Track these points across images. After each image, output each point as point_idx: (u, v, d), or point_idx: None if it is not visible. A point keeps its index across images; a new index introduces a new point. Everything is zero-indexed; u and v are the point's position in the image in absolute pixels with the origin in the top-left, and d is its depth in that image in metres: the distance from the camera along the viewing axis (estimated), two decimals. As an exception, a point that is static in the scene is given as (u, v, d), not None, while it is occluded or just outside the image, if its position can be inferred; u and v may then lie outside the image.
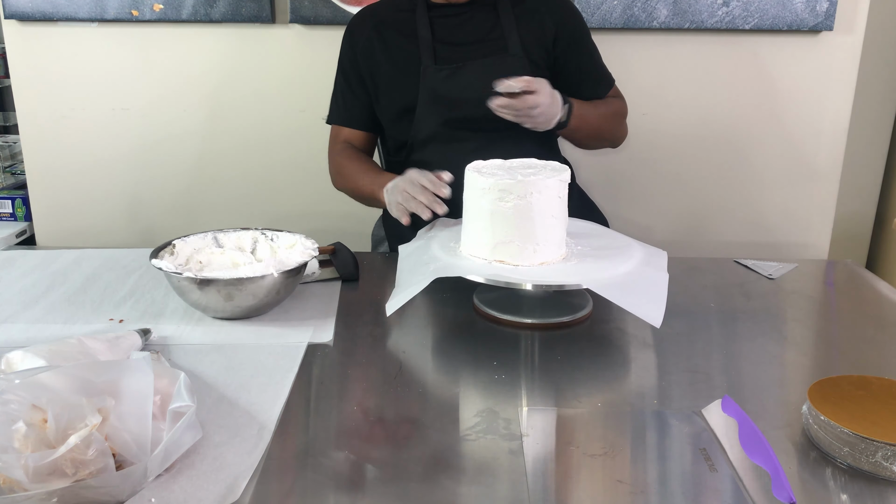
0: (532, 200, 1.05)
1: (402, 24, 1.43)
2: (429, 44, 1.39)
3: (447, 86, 1.38)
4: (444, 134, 1.40)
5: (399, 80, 1.41)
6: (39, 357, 0.83)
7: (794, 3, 1.86)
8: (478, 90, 1.35)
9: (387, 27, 1.44)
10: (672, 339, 1.05)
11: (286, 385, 0.91)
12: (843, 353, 1.04)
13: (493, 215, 1.06)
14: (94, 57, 2.00)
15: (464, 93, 1.37)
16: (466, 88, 1.37)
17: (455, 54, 1.40)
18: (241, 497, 0.70)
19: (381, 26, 1.44)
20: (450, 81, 1.38)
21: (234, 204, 2.10)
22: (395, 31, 1.43)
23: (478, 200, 1.08)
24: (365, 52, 1.45)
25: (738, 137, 2.01)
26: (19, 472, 0.64)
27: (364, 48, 1.45)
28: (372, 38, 1.44)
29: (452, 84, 1.38)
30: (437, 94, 1.39)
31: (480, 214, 1.08)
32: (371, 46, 1.44)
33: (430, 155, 1.41)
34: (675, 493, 0.71)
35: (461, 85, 1.38)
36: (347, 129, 1.51)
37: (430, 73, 1.38)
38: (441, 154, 1.40)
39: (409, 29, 1.42)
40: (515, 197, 1.04)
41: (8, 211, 2.20)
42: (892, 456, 0.72)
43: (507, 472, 0.74)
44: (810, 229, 2.07)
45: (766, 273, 1.31)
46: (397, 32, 1.43)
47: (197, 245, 1.18)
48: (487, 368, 0.96)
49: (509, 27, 1.39)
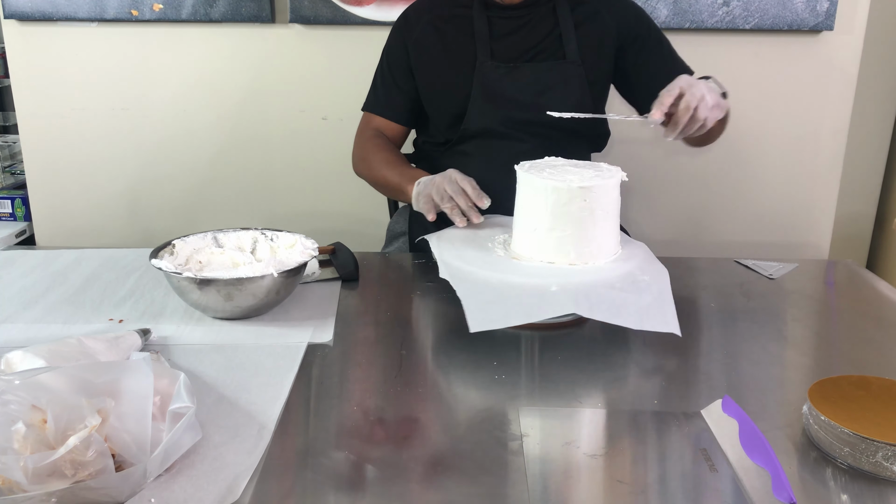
0: (593, 203, 1.05)
1: (460, 19, 1.42)
2: (486, 40, 1.39)
3: (502, 84, 1.37)
4: (492, 131, 1.39)
5: (453, 74, 1.41)
6: (39, 357, 0.83)
7: (794, 3, 1.86)
8: (530, 93, 1.36)
9: (444, 21, 1.43)
10: (672, 339, 1.05)
11: (286, 385, 0.91)
12: (843, 353, 1.04)
13: (552, 216, 1.06)
14: (94, 57, 2.00)
15: (517, 94, 1.37)
16: (521, 90, 1.37)
17: (511, 54, 1.39)
18: (241, 497, 0.70)
19: (437, 20, 1.44)
20: (505, 80, 1.37)
21: (234, 204, 2.10)
22: (452, 25, 1.42)
23: (533, 200, 1.08)
24: (419, 43, 1.44)
25: (738, 137, 2.00)
26: (19, 473, 0.64)
27: (418, 40, 1.44)
28: (427, 30, 1.43)
29: (507, 83, 1.37)
30: (490, 90, 1.38)
31: (537, 215, 1.08)
32: (426, 39, 1.43)
33: (474, 149, 1.41)
34: (675, 493, 0.71)
35: (516, 85, 1.37)
36: (382, 119, 1.50)
37: (486, 69, 1.37)
38: (486, 150, 1.40)
39: (466, 25, 1.41)
40: (577, 199, 1.05)
41: (8, 211, 2.20)
42: (893, 456, 0.72)
43: (507, 472, 0.74)
44: (810, 229, 2.07)
45: (767, 273, 1.31)
46: (454, 27, 1.42)
47: (197, 245, 1.18)
48: (487, 368, 0.96)
49: (567, 31, 1.38)
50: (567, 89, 1.38)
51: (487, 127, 1.39)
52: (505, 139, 1.39)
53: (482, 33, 1.39)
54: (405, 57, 1.45)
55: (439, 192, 1.22)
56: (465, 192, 1.20)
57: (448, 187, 1.21)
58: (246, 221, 2.02)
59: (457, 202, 1.20)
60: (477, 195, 1.20)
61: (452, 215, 1.20)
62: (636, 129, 2.00)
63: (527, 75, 1.37)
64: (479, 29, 1.39)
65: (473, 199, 1.20)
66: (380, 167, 1.42)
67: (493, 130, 1.39)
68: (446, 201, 1.21)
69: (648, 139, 2.01)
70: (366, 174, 1.48)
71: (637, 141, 2.01)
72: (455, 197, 1.20)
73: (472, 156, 1.40)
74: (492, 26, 1.40)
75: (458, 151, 1.43)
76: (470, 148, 1.42)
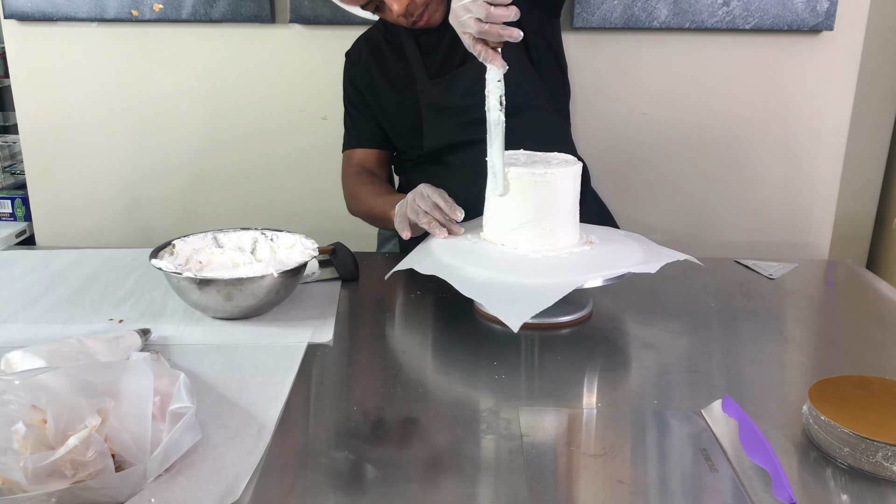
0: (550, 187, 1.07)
1: (394, 47, 1.45)
2: (419, 61, 1.41)
3: (446, 97, 1.39)
4: (455, 140, 1.41)
5: (399, 100, 1.44)
6: (39, 357, 0.83)
7: (794, 3, 1.86)
8: (474, 93, 1.36)
9: (380, 51, 1.47)
10: (672, 339, 1.05)
11: (286, 385, 0.91)
12: (843, 353, 1.04)
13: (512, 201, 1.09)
14: (94, 57, 2.00)
15: (464, 99, 1.38)
16: (465, 95, 1.37)
17: (445, 65, 1.40)
18: (241, 497, 0.70)
19: (375, 51, 1.47)
20: (447, 92, 1.39)
21: (234, 204, 2.10)
22: (388, 54, 1.45)
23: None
24: (364, 77, 1.48)
25: (738, 137, 2.00)
26: (18, 473, 0.64)
27: (362, 74, 1.48)
28: (369, 63, 1.47)
29: (450, 94, 1.39)
30: (438, 106, 1.40)
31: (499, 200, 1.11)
32: (369, 72, 1.47)
33: (445, 160, 1.43)
34: (675, 493, 0.71)
35: (459, 93, 1.38)
36: (360, 151, 1.53)
37: (427, 88, 1.40)
38: (457, 158, 1.41)
39: (400, 51, 1.44)
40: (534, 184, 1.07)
41: (8, 211, 2.20)
42: (893, 456, 0.72)
43: (507, 472, 0.74)
44: (810, 229, 2.07)
45: (767, 273, 1.31)
46: (391, 55, 1.45)
47: (197, 245, 1.18)
48: (487, 368, 0.96)
49: None
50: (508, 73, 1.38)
51: (448, 140, 1.41)
52: (470, 145, 1.40)
53: (414, 55, 1.41)
54: (359, 93, 1.50)
55: (413, 209, 1.21)
56: (438, 206, 1.19)
57: (421, 203, 1.20)
58: (246, 221, 2.02)
59: (433, 216, 1.19)
60: (450, 208, 1.18)
61: (431, 229, 1.18)
62: (636, 126, 2.00)
63: (464, 79, 1.38)
64: (410, 52, 1.42)
65: (447, 212, 1.18)
66: (367, 199, 1.44)
67: (455, 141, 1.41)
68: (422, 217, 1.19)
69: (648, 139, 2.01)
70: (358, 211, 1.50)
71: (637, 140, 2.01)
72: (430, 212, 1.19)
73: (447, 165, 1.42)
74: (420, 45, 1.42)
75: (431, 164, 1.45)
76: (441, 159, 1.43)
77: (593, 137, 1.98)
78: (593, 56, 1.93)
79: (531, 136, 1.33)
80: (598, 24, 1.88)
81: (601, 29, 1.90)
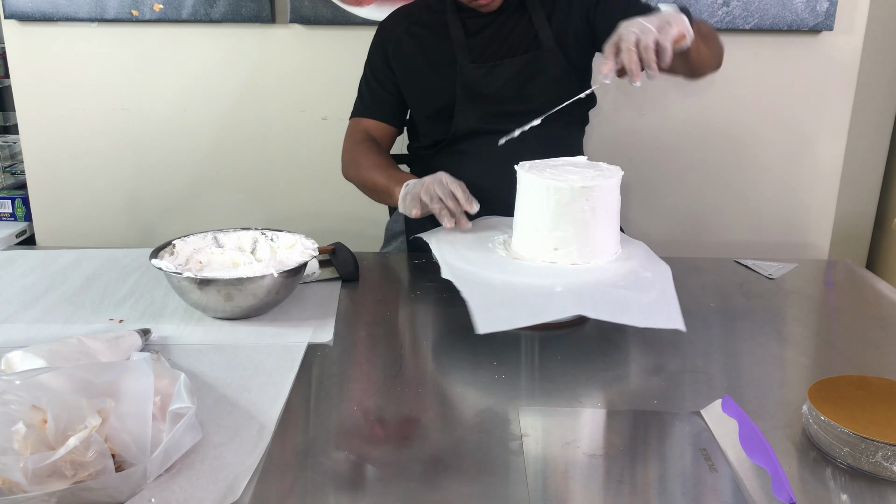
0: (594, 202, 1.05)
1: (435, 24, 1.44)
2: (463, 43, 1.40)
3: (485, 83, 1.39)
4: (480, 129, 1.41)
5: (434, 78, 1.43)
6: (39, 357, 0.83)
7: (794, 3, 1.86)
8: (512, 87, 1.38)
9: (420, 27, 1.45)
10: (672, 339, 1.05)
11: (286, 385, 0.91)
12: (843, 353, 1.04)
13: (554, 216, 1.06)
14: (94, 57, 2.00)
15: (501, 90, 1.38)
16: (504, 85, 1.38)
17: (488, 52, 1.40)
18: (241, 497, 0.70)
19: (413, 27, 1.46)
20: (487, 78, 1.39)
21: (234, 204, 2.10)
22: (428, 31, 1.44)
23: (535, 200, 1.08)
24: (397, 52, 1.46)
25: (737, 138, 2.01)
26: (19, 473, 0.64)
27: (396, 48, 1.46)
28: (404, 38, 1.46)
29: (490, 81, 1.39)
30: (474, 91, 1.40)
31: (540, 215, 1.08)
32: (404, 47, 1.45)
33: (466, 148, 1.43)
34: (675, 493, 0.71)
35: (499, 82, 1.39)
36: (370, 121, 1.51)
37: (467, 71, 1.39)
38: (478, 146, 1.41)
39: (442, 29, 1.43)
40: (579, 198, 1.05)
41: (8, 211, 2.20)
42: (893, 456, 0.72)
43: (507, 472, 0.74)
44: (810, 229, 2.07)
45: (766, 273, 1.31)
46: (431, 32, 1.44)
47: (197, 245, 1.18)
48: (487, 368, 0.96)
49: (541, 23, 1.40)
50: (548, 77, 1.39)
51: (475, 126, 1.41)
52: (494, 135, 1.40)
53: (458, 36, 1.41)
54: (387, 66, 1.48)
55: (428, 192, 1.22)
56: (455, 195, 1.20)
57: (438, 189, 1.21)
58: (246, 221, 2.02)
59: (446, 204, 1.20)
60: (466, 199, 1.19)
61: (441, 216, 1.19)
62: (636, 126, 2.00)
63: (506, 71, 1.38)
64: (454, 32, 1.41)
65: (462, 203, 1.19)
66: (369, 170, 1.43)
67: (480, 129, 1.41)
68: (435, 202, 1.20)
69: (649, 139, 2.01)
70: (355, 177, 1.48)
71: (637, 140, 2.01)
72: (445, 199, 1.20)
73: (464, 154, 1.42)
74: (466, 27, 1.42)
75: (450, 151, 1.45)
76: (461, 147, 1.43)
77: (593, 138, 1.97)
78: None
79: (547, 139, 1.32)
80: (598, 24, 1.87)
81: (601, 29, 1.90)
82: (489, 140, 1.39)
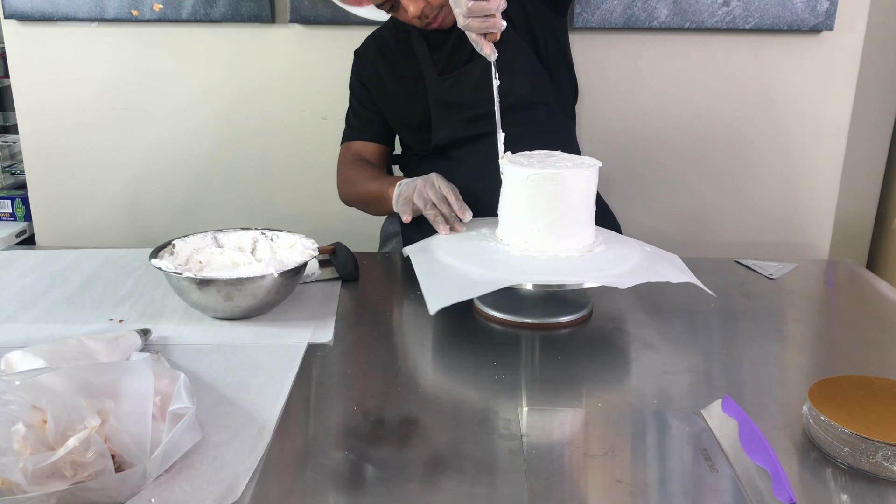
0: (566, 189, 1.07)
1: (403, 43, 1.46)
2: (427, 58, 1.43)
3: (454, 93, 1.40)
4: (462, 135, 1.42)
5: (408, 98, 1.45)
6: (39, 357, 0.83)
7: (794, 3, 1.86)
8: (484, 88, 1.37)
9: (390, 50, 1.48)
10: (672, 339, 1.05)
11: (286, 385, 0.91)
12: (843, 353, 1.04)
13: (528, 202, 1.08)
14: (94, 57, 2.00)
15: (472, 95, 1.39)
16: (475, 90, 1.38)
17: (453, 61, 1.41)
18: (241, 497, 0.70)
19: (384, 49, 1.49)
20: (456, 87, 1.40)
21: (234, 204, 2.10)
22: (398, 52, 1.47)
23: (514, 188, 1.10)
24: (372, 77, 1.49)
25: (738, 137, 2.01)
26: (18, 474, 0.64)
27: (370, 74, 1.49)
28: (377, 62, 1.49)
29: (459, 89, 1.40)
30: (446, 102, 1.41)
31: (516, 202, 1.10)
32: (377, 71, 1.48)
33: (452, 155, 1.43)
34: (675, 493, 0.71)
35: (468, 88, 1.39)
36: (360, 143, 1.54)
37: (436, 84, 1.41)
38: (463, 153, 1.42)
39: (409, 48, 1.45)
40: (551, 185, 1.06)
41: (8, 211, 2.20)
42: (893, 456, 0.72)
43: (507, 472, 0.74)
44: (810, 229, 2.07)
45: (767, 273, 1.31)
46: (400, 53, 1.46)
47: (197, 245, 1.18)
48: (487, 368, 0.96)
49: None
50: (516, 70, 1.39)
51: (457, 135, 1.42)
52: (478, 140, 1.40)
53: (423, 52, 1.43)
54: (366, 91, 1.51)
55: (421, 196, 1.22)
56: (448, 200, 1.20)
57: (431, 193, 1.21)
58: (246, 221, 2.02)
59: (440, 210, 1.19)
60: (459, 207, 1.19)
61: (436, 222, 1.19)
62: (636, 126, 2.00)
63: (472, 76, 1.39)
64: (419, 48, 1.44)
65: (456, 210, 1.19)
66: (363, 183, 1.45)
67: (463, 136, 1.42)
68: (429, 208, 1.20)
69: (649, 139, 2.01)
70: (350, 195, 1.50)
71: (637, 140, 2.01)
72: (438, 204, 1.20)
73: (452, 160, 1.43)
74: (429, 42, 1.44)
75: (437, 158, 1.46)
76: (449, 155, 1.45)
77: (593, 137, 1.98)
78: (593, 56, 1.93)
79: (536, 132, 1.33)
80: (599, 24, 1.88)
81: (601, 29, 1.90)
82: (474, 144, 1.40)
